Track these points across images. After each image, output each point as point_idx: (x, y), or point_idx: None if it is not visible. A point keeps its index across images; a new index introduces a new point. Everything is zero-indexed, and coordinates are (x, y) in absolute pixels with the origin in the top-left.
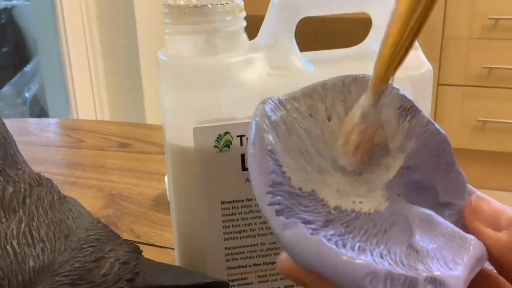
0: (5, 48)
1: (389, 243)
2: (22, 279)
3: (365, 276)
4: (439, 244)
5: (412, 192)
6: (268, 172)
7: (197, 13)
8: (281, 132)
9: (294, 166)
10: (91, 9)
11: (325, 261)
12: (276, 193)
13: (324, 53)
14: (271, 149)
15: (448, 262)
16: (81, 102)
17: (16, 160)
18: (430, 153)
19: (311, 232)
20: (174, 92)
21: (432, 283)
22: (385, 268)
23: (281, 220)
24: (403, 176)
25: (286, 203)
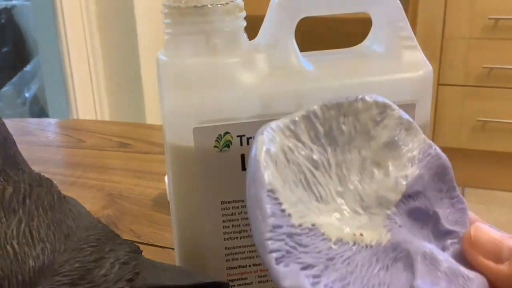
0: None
1: (392, 285)
2: (22, 279)
3: None
4: (441, 285)
5: (413, 220)
6: (267, 216)
7: (197, 13)
8: (280, 163)
9: (293, 200)
10: (91, 9)
11: None
12: (275, 238)
13: (324, 53)
14: (270, 188)
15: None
16: (81, 102)
17: (16, 160)
18: (432, 178)
19: (312, 282)
20: (174, 92)
21: None
22: None
23: (281, 269)
24: (405, 204)
25: (286, 247)
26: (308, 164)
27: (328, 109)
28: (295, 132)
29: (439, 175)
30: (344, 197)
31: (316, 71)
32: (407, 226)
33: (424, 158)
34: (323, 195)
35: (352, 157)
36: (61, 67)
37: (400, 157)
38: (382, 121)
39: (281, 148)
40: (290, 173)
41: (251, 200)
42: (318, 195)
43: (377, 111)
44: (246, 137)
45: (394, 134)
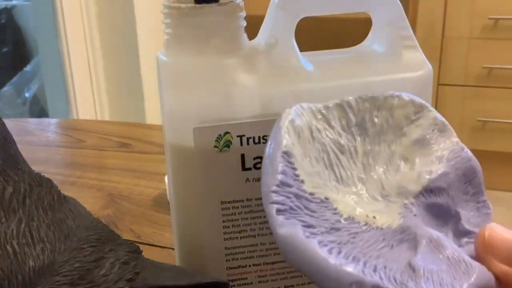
0: (5, 48)
1: (390, 258)
2: (22, 279)
3: (350, 285)
4: (440, 267)
5: (431, 215)
6: (277, 172)
7: (197, 13)
8: (304, 137)
9: (310, 171)
10: (91, 9)
11: (313, 265)
12: (281, 193)
13: (324, 53)
14: (286, 151)
15: (444, 285)
16: (81, 102)
17: (16, 160)
18: (459, 178)
19: (307, 235)
20: (174, 92)
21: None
22: (374, 280)
23: (279, 219)
24: (425, 198)
25: (290, 204)
26: (333, 147)
27: (362, 101)
28: (326, 116)
29: (467, 177)
30: (365, 183)
31: (316, 71)
32: (423, 217)
33: (453, 158)
34: (344, 177)
35: (380, 149)
36: (61, 67)
37: (429, 154)
38: (416, 120)
39: (307, 125)
40: (313, 150)
41: (265, 159)
42: (339, 176)
43: (413, 110)
44: (246, 137)
45: (427, 133)
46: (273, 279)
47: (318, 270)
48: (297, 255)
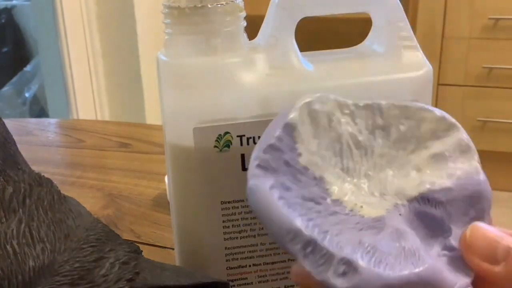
0: (5, 48)
1: (348, 234)
2: (22, 279)
3: (288, 233)
4: (391, 251)
5: (421, 223)
6: (272, 136)
7: (197, 13)
8: (319, 122)
9: (313, 150)
10: (91, 9)
11: (267, 212)
12: (269, 153)
13: (324, 53)
14: (290, 123)
15: (382, 263)
16: (81, 102)
17: (16, 160)
18: (463, 199)
19: (270, 186)
20: (174, 92)
21: (346, 264)
22: (314, 236)
23: (255, 171)
24: (419, 204)
25: (273, 165)
26: (350, 140)
27: (394, 108)
28: (353, 113)
29: (472, 199)
30: (369, 180)
31: (316, 71)
32: (411, 221)
33: (464, 178)
34: (350, 168)
35: (398, 154)
36: (61, 67)
37: (441, 169)
38: (443, 138)
39: (327, 114)
40: (326, 137)
41: (266, 128)
42: (345, 166)
43: (442, 127)
44: (246, 137)
45: (447, 151)
46: (273, 279)
47: (266, 215)
48: (255, 200)
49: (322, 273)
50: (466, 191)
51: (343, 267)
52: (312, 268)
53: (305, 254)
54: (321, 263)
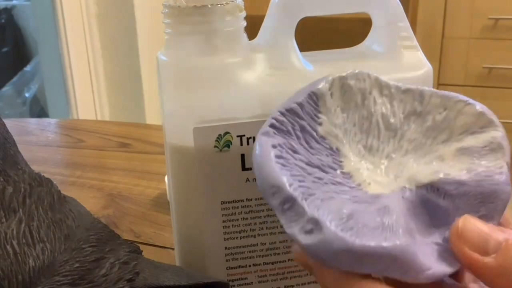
0: (5, 48)
1: (336, 200)
2: (22, 279)
3: (271, 187)
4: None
5: (424, 210)
6: (293, 101)
7: (197, 13)
8: (351, 97)
9: (338, 123)
10: (91, 9)
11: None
12: (286, 116)
13: (324, 53)
14: (316, 92)
15: (351, 230)
16: (81, 102)
17: (16, 160)
18: (475, 196)
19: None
20: (174, 92)
21: (313, 223)
22: (295, 195)
23: (266, 129)
24: (426, 192)
25: (288, 128)
26: (380, 120)
27: (436, 96)
28: (393, 96)
29: (485, 197)
30: (390, 161)
31: (316, 71)
32: (414, 207)
33: (484, 175)
34: (374, 147)
35: (426, 142)
36: (61, 67)
37: (463, 163)
38: (477, 133)
39: (362, 91)
40: (356, 113)
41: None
42: (369, 144)
43: (479, 123)
44: (246, 137)
45: (477, 146)
46: (273, 279)
47: (258, 170)
48: (255, 158)
49: (291, 228)
50: (481, 188)
51: (310, 226)
52: (285, 223)
53: (283, 210)
54: (294, 219)
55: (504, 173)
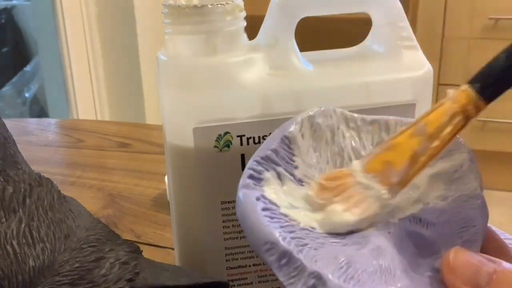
0: (5, 48)
1: (327, 246)
2: (22, 279)
3: (265, 244)
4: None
5: (411, 242)
6: (267, 148)
7: (197, 13)
8: (321, 135)
9: (312, 164)
10: (91, 9)
11: (248, 221)
12: (263, 164)
13: (324, 53)
14: (288, 136)
15: (353, 279)
16: (81, 102)
17: (16, 160)
18: (457, 221)
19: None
20: (174, 92)
21: (316, 278)
22: (290, 248)
23: (246, 181)
24: (410, 224)
25: (267, 176)
26: (352, 154)
27: (401, 124)
28: (360, 128)
29: (466, 223)
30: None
31: (316, 71)
32: (401, 240)
33: (461, 202)
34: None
35: None
36: (61, 67)
37: (439, 190)
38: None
39: (331, 127)
40: (328, 150)
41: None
42: None
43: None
44: (246, 137)
45: (449, 171)
46: (273, 279)
47: (249, 223)
48: (242, 213)
49: (293, 285)
50: (460, 214)
51: (313, 281)
52: (284, 279)
53: (280, 265)
54: (293, 275)
55: (480, 196)
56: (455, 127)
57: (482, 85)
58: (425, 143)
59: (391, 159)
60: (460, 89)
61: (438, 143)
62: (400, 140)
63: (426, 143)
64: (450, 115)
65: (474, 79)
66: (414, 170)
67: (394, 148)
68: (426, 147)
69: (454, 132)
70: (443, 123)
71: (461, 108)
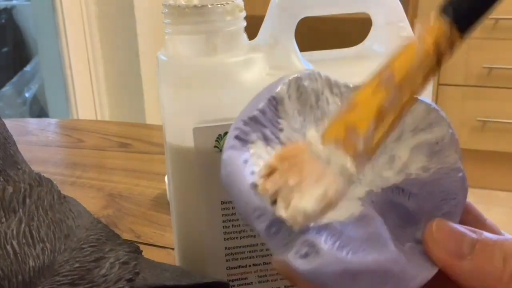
0: (5, 48)
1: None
2: (22, 279)
3: (254, 211)
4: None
5: (393, 212)
6: (255, 108)
7: (197, 13)
8: (306, 99)
9: (297, 128)
10: (91, 9)
11: (238, 190)
12: (249, 125)
13: (324, 53)
14: (276, 97)
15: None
16: (81, 102)
17: (16, 160)
18: (438, 193)
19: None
20: (174, 92)
21: (308, 246)
22: (276, 216)
23: (233, 142)
24: (392, 194)
25: (253, 138)
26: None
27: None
28: (343, 95)
29: (446, 195)
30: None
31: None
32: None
33: (442, 174)
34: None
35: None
36: (61, 67)
37: (420, 161)
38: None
39: (316, 91)
40: (311, 115)
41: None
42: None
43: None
44: None
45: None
46: (273, 279)
47: (237, 188)
48: (225, 173)
49: (284, 253)
50: (441, 186)
51: (306, 249)
52: (275, 248)
53: (270, 233)
54: (284, 243)
55: (460, 169)
56: (426, 72)
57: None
58: (393, 97)
59: (353, 122)
60: (430, 23)
61: (408, 94)
62: (362, 96)
63: (393, 97)
64: (420, 57)
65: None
66: (382, 132)
67: (356, 107)
68: (394, 101)
69: (426, 78)
70: (412, 69)
71: (432, 47)
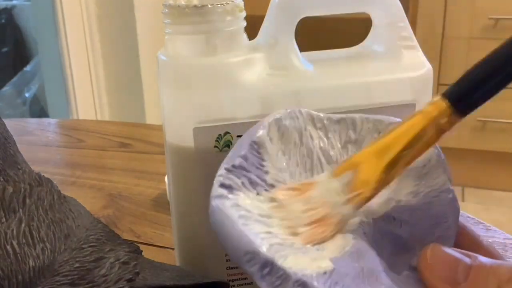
0: (5, 48)
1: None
2: (22, 279)
3: (245, 254)
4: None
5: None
6: (237, 155)
7: (197, 13)
8: (289, 138)
9: (283, 168)
10: (91, 9)
11: (227, 235)
12: (233, 173)
13: (324, 53)
14: (257, 141)
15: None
16: (81, 102)
17: (16, 160)
18: (429, 218)
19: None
20: (174, 92)
21: (301, 286)
22: (272, 257)
23: (218, 191)
24: (384, 223)
25: (238, 183)
26: (321, 155)
27: (367, 121)
28: (326, 128)
29: (437, 219)
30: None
31: (316, 71)
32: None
33: (431, 197)
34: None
35: None
36: (61, 67)
37: (409, 187)
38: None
39: (298, 129)
40: (297, 153)
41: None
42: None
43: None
44: None
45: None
46: None
47: (226, 233)
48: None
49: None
50: (431, 210)
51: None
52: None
53: (262, 275)
54: (277, 284)
55: (450, 190)
56: (425, 142)
57: (456, 98)
58: (394, 159)
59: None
60: (432, 102)
61: (407, 159)
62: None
63: (394, 159)
64: (420, 129)
65: (448, 92)
66: (383, 185)
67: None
68: (394, 163)
69: (425, 147)
70: (413, 138)
71: (432, 121)
